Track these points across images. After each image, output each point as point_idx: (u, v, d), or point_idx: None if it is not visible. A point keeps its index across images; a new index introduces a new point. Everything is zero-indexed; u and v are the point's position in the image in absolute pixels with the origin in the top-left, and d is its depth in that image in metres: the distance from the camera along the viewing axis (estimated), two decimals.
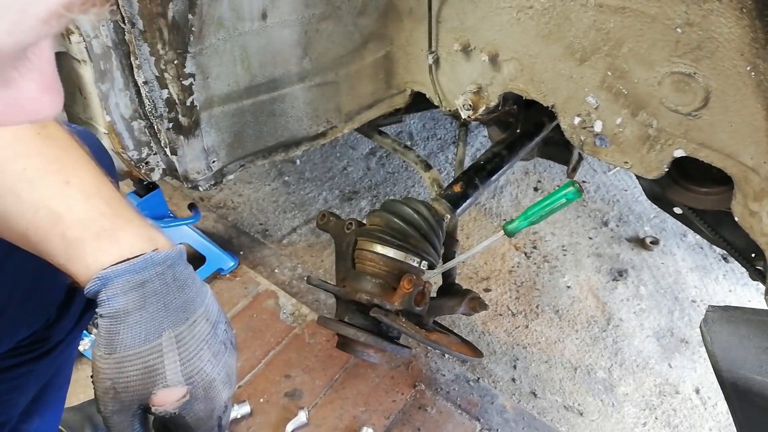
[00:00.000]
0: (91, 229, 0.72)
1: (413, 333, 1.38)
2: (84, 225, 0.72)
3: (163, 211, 2.07)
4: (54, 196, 0.72)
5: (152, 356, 0.73)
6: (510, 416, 1.90)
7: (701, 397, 2.16)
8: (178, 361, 0.74)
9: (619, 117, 1.37)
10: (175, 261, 0.76)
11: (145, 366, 0.72)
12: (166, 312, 0.74)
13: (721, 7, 1.08)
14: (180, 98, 1.49)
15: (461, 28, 1.56)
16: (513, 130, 1.88)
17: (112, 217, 0.73)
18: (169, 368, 0.73)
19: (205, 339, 0.78)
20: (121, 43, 1.38)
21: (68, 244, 0.71)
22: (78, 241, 0.71)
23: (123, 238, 0.73)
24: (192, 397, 0.76)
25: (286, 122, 1.73)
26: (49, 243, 0.71)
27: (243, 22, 1.49)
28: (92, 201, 0.73)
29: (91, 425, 1.71)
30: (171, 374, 0.73)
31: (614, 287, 2.51)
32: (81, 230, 0.71)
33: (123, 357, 0.72)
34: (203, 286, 0.81)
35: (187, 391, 0.75)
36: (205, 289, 0.82)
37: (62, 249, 0.71)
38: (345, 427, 1.81)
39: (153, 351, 0.73)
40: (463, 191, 1.66)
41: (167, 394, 0.74)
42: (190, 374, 0.75)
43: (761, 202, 1.20)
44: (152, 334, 0.73)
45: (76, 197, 0.73)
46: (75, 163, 0.76)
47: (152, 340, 0.73)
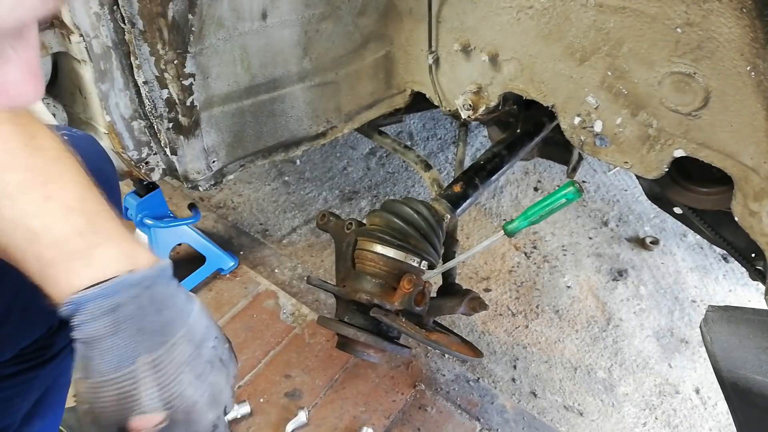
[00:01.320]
0: (65, 250, 0.70)
1: (413, 333, 1.38)
2: (59, 246, 0.70)
3: (163, 211, 2.07)
4: (33, 214, 0.70)
5: (126, 383, 0.71)
6: (510, 416, 1.90)
7: (701, 397, 2.16)
8: (155, 386, 0.72)
9: (619, 117, 1.37)
10: (154, 281, 0.73)
11: (120, 392, 0.71)
12: (141, 336, 0.71)
13: (721, 7, 1.08)
14: (180, 98, 1.49)
15: (461, 28, 1.56)
16: (513, 130, 1.88)
17: (90, 235, 0.71)
18: (145, 394, 0.71)
19: (187, 361, 0.76)
20: (121, 43, 1.38)
21: (43, 265, 0.70)
22: (52, 263, 0.69)
23: (97, 259, 0.71)
24: (171, 422, 0.74)
25: (286, 122, 1.73)
26: (27, 263, 0.70)
27: (243, 22, 1.49)
28: (72, 218, 0.71)
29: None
30: (147, 400, 0.72)
31: (614, 287, 2.51)
32: (55, 251, 0.70)
33: (97, 383, 0.71)
34: (188, 303, 0.79)
35: (166, 416, 0.73)
36: (191, 307, 0.79)
37: (37, 270, 0.70)
38: (345, 427, 1.81)
39: (126, 378, 0.71)
40: (463, 191, 1.66)
41: (144, 420, 0.72)
42: (169, 399, 0.73)
43: (761, 202, 1.20)
44: (125, 360, 0.71)
45: (55, 214, 0.71)
46: (60, 176, 0.74)
47: (125, 367, 0.71)
